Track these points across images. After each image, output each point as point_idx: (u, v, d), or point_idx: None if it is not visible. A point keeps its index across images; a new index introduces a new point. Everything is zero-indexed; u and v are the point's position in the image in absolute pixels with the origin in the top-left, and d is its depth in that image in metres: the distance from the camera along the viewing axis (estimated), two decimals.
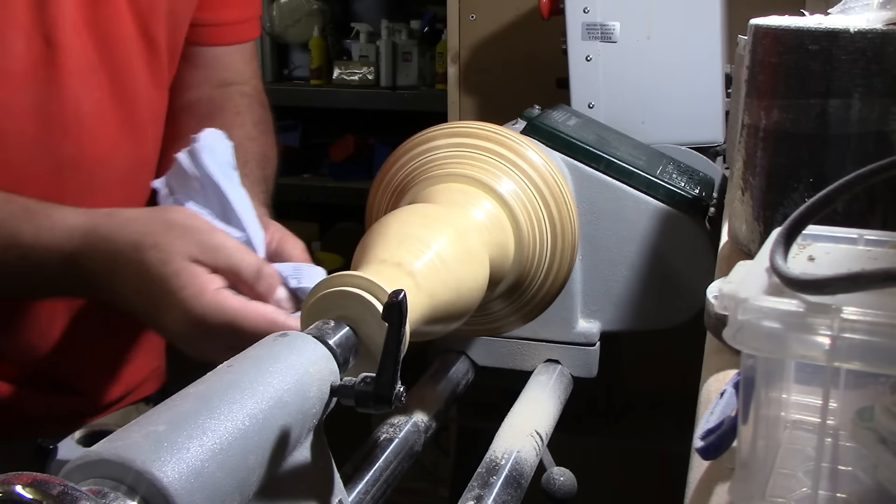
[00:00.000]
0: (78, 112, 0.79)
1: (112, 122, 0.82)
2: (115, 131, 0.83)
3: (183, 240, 0.63)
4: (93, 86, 0.80)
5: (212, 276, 0.63)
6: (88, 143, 0.80)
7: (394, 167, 0.80)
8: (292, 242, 0.73)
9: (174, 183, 0.70)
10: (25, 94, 0.76)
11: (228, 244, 0.64)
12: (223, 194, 0.69)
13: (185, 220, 0.64)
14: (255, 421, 0.44)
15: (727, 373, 0.52)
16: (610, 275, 0.93)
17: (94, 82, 0.80)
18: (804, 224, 0.42)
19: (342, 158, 2.75)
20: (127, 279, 0.64)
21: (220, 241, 0.64)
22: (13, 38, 0.74)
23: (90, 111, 0.80)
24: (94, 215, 0.66)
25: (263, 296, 0.64)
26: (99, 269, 0.65)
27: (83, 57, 0.79)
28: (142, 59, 0.85)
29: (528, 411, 0.84)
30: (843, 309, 0.34)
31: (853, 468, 0.40)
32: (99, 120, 0.81)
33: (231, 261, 0.63)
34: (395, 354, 0.49)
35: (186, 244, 0.63)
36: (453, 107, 1.70)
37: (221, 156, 0.70)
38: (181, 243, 0.62)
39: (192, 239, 0.63)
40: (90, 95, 0.80)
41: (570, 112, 1.06)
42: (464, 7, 1.65)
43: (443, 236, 0.66)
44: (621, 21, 1.15)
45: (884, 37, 0.56)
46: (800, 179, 0.61)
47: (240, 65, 0.98)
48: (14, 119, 0.75)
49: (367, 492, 0.70)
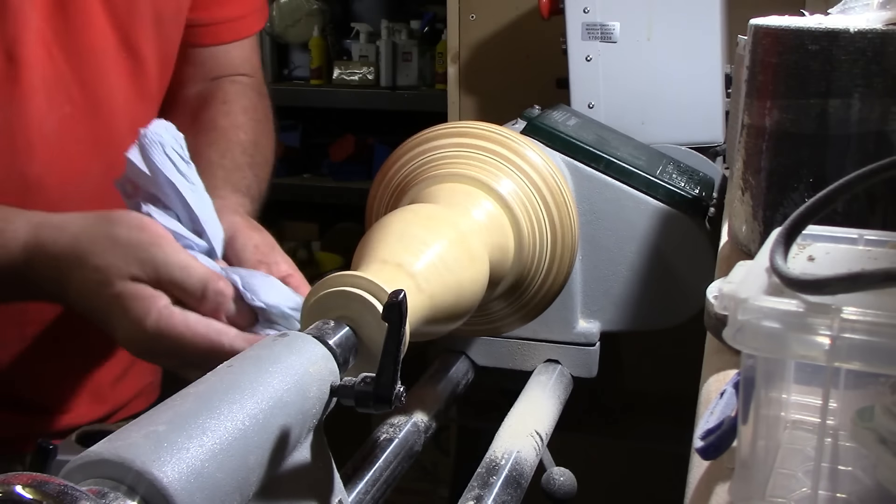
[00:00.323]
0: (42, 129, 0.76)
1: (84, 139, 0.79)
2: (87, 147, 0.79)
3: (124, 259, 0.61)
4: (61, 101, 0.77)
5: (155, 294, 0.61)
6: (56, 162, 0.77)
7: (394, 167, 0.80)
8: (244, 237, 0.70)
9: (130, 184, 0.67)
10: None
11: (171, 260, 0.61)
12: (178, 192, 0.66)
13: (129, 235, 0.62)
14: (255, 421, 0.44)
15: (727, 373, 0.52)
16: (610, 275, 0.93)
17: (62, 98, 0.77)
18: (804, 224, 0.42)
19: (342, 158, 2.76)
20: (76, 296, 0.63)
21: (161, 258, 0.61)
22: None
23: (57, 128, 0.77)
24: (43, 228, 0.64)
25: (212, 313, 0.62)
26: (48, 285, 0.64)
27: (50, 71, 0.76)
28: (122, 71, 0.82)
29: (528, 411, 0.84)
30: (843, 309, 0.34)
31: (853, 468, 0.40)
32: (68, 137, 0.78)
33: (173, 278, 0.61)
34: (395, 354, 0.49)
35: (127, 263, 0.61)
36: (453, 107, 1.70)
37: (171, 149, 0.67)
38: (122, 263, 0.61)
39: (134, 257, 0.61)
40: (58, 111, 0.77)
41: (570, 112, 1.06)
42: (464, 7, 1.65)
43: (443, 236, 0.66)
44: (621, 21, 1.15)
45: (884, 37, 0.56)
46: (800, 179, 0.61)
47: (238, 60, 0.95)
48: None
49: (367, 492, 0.70)
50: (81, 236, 0.63)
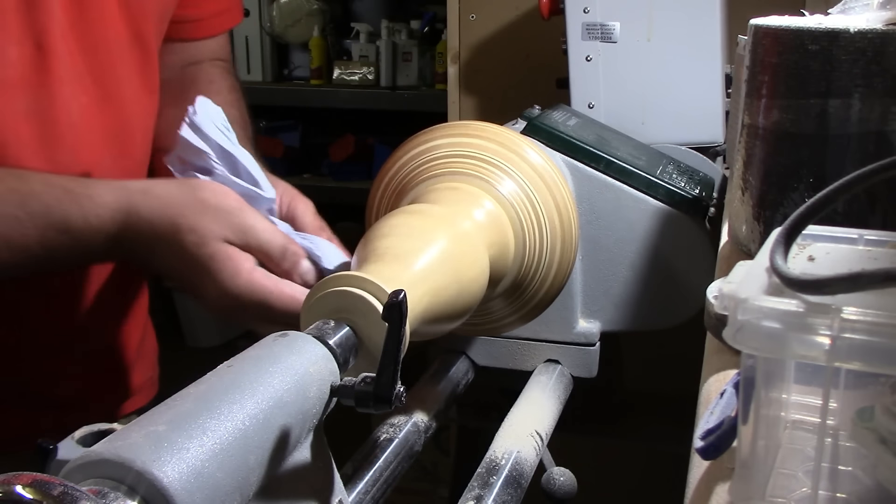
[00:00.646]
0: (69, 118, 0.79)
1: (98, 128, 0.82)
2: (101, 137, 0.82)
3: (217, 222, 0.66)
4: (80, 90, 0.80)
5: (244, 256, 0.66)
6: (79, 150, 0.80)
7: (394, 167, 0.80)
8: (303, 204, 0.77)
9: (178, 160, 0.71)
10: (21, 100, 0.75)
11: (258, 225, 0.67)
12: (234, 159, 0.71)
13: (218, 201, 0.67)
14: (255, 421, 0.44)
15: (727, 373, 0.52)
16: (610, 275, 0.93)
17: (81, 87, 0.80)
18: (804, 224, 0.42)
19: (342, 158, 2.76)
20: (166, 257, 0.67)
21: (250, 222, 0.67)
22: (6, 44, 0.73)
23: (78, 117, 0.80)
24: (131, 193, 0.68)
25: (288, 272, 0.68)
26: (140, 248, 0.68)
27: (70, 62, 0.78)
28: (133, 64, 0.84)
29: (528, 411, 0.84)
30: (843, 309, 0.34)
31: (853, 468, 0.40)
32: (86, 126, 0.81)
33: (260, 241, 0.67)
34: (395, 354, 0.49)
35: (220, 226, 0.66)
36: (453, 107, 1.70)
37: (219, 121, 0.72)
38: (216, 226, 0.66)
39: (226, 221, 0.66)
40: (78, 100, 0.80)
41: (570, 112, 1.06)
42: (464, 7, 1.65)
43: (443, 236, 0.66)
44: (621, 21, 1.15)
45: (884, 37, 0.56)
46: (800, 179, 0.61)
47: (215, 46, 0.99)
48: (11, 127, 0.75)
49: (367, 492, 0.70)
50: (172, 200, 0.67)
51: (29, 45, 0.75)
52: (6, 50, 0.74)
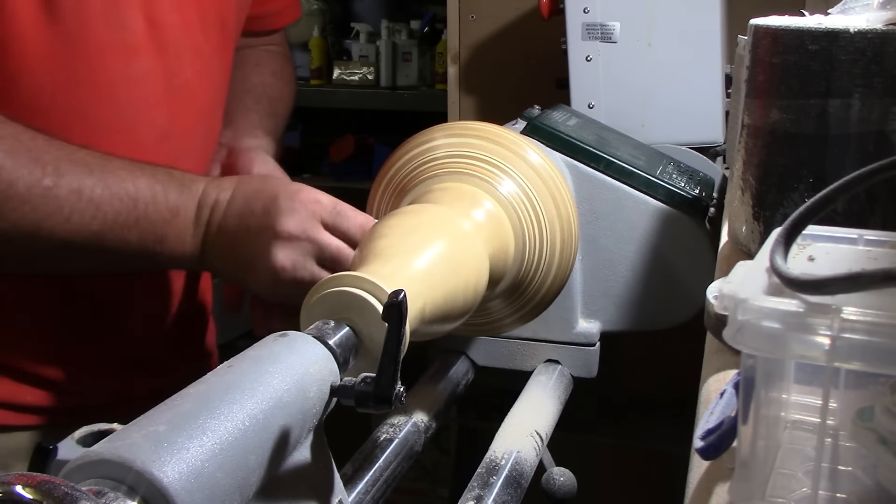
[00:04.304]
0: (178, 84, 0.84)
1: (196, 103, 0.88)
2: (196, 114, 0.88)
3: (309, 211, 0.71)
4: (184, 64, 0.85)
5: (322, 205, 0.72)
6: (182, 115, 0.85)
7: (394, 167, 0.80)
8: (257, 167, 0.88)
9: None
10: (147, 63, 0.81)
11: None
12: None
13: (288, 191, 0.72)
14: (255, 421, 0.44)
15: (727, 373, 0.52)
16: (610, 275, 0.93)
17: (185, 61, 0.85)
18: (804, 224, 0.42)
19: (342, 158, 2.75)
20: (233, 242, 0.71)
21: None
22: (129, 14, 0.79)
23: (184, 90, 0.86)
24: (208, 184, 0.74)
25: None
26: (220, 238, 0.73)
27: (174, 36, 0.84)
28: (215, 45, 0.89)
29: (528, 411, 0.84)
30: (843, 309, 0.34)
31: (853, 468, 0.40)
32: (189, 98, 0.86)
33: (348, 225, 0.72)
34: (395, 354, 0.49)
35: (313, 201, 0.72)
36: (453, 107, 1.69)
37: None
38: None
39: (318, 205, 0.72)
40: (182, 74, 0.85)
41: (570, 112, 1.06)
42: (464, 7, 1.65)
43: (443, 236, 0.66)
44: (621, 21, 1.15)
45: (884, 37, 0.56)
46: (800, 179, 0.61)
47: (268, 37, 1.08)
48: (140, 88, 0.81)
49: (367, 492, 0.70)
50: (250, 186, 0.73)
51: (142, 19, 0.80)
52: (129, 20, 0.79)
